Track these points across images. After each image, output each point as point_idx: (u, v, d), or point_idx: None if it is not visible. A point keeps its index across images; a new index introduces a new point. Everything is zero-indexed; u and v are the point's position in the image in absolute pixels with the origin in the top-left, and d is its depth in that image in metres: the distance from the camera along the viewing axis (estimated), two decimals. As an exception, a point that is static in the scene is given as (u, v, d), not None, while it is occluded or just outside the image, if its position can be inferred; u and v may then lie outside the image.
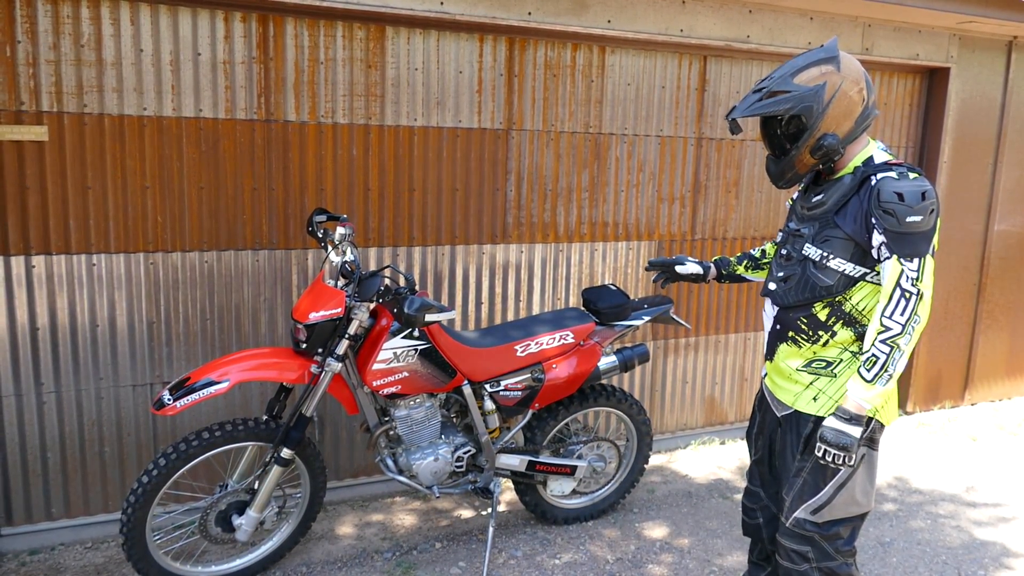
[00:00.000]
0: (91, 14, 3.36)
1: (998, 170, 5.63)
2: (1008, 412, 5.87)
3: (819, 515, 2.55)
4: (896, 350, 2.33)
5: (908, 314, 2.31)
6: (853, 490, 2.53)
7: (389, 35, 3.88)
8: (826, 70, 2.43)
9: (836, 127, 2.44)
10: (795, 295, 2.58)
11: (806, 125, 2.44)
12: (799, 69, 2.45)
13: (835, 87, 2.41)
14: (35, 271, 3.45)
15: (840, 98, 2.42)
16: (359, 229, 4.00)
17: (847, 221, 2.45)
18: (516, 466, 3.63)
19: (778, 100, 2.43)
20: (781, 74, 2.47)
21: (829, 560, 2.58)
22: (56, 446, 3.61)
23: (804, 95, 2.41)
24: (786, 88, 2.43)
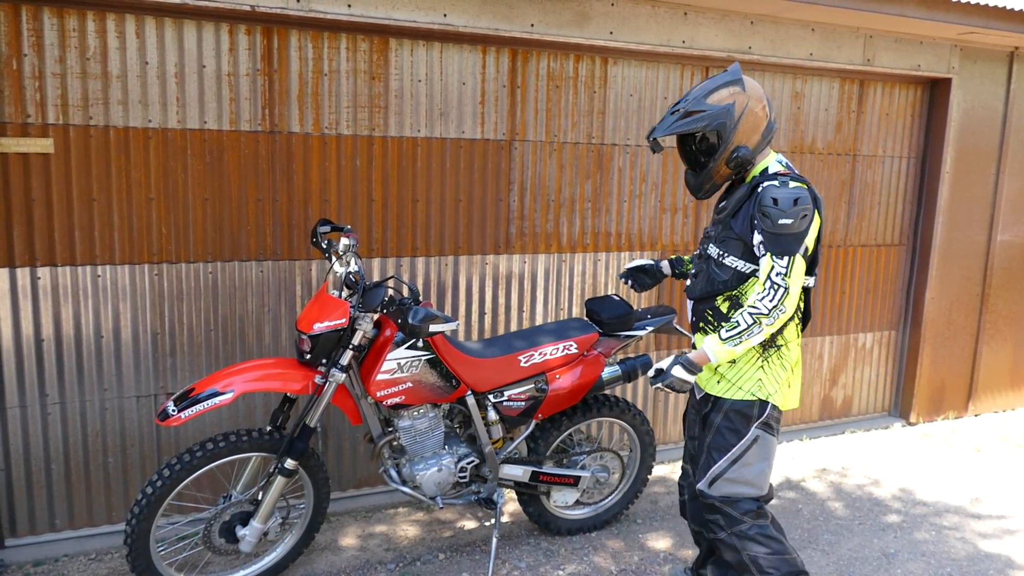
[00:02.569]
0: (97, 27, 3.38)
1: (1000, 180, 5.64)
2: (1012, 423, 5.86)
3: (713, 487, 2.85)
4: (756, 325, 2.65)
5: (776, 302, 2.63)
6: (744, 468, 2.82)
7: (393, 47, 3.91)
8: (734, 91, 2.75)
9: (746, 140, 2.75)
10: (700, 289, 2.94)
11: (721, 140, 2.74)
12: (710, 91, 2.75)
13: (743, 105, 2.73)
14: (40, 283, 3.47)
15: (748, 115, 2.73)
16: (363, 240, 4.01)
17: (739, 223, 2.77)
18: (519, 477, 3.63)
19: (695, 119, 2.73)
20: (695, 96, 2.77)
21: (739, 524, 2.85)
22: (60, 457, 3.62)
23: (717, 113, 2.72)
24: (701, 108, 2.73)
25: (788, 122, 5.02)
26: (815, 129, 5.13)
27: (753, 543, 2.85)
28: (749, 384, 2.81)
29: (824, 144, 5.18)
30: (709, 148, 2.79)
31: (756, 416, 2.81)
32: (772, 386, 2.82)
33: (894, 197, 5.52)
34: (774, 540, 2.87)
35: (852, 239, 5.41)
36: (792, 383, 2.89)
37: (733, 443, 2.82)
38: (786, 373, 2.85)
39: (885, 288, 5.63)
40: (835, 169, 5.25)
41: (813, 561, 3.79)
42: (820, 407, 5.57)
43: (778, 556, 2.86)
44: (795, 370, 2.91)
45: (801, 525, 4.15)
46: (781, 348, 2.84)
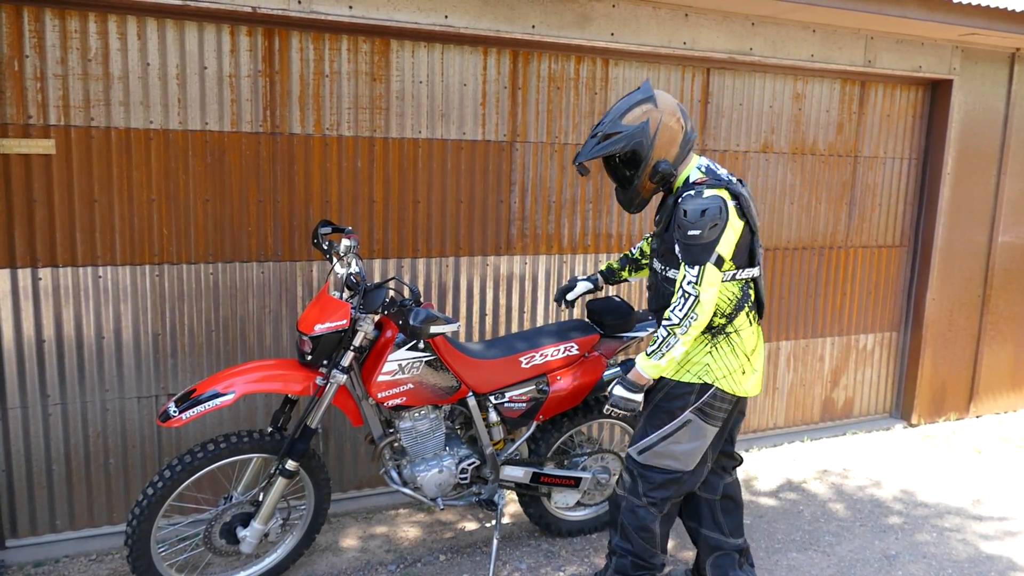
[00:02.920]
0: (98, 29, 3.39)
1: (1001, 182, 5.64)
2: (1013, 424, 5.86)
3: (643, 456, 3.02)
4: (672, 336, 2.78)
5: (686, 311, 2.75)
6: (674, 445, 2.97)
7: (394, 48, 3.91)
8: (647, 108, 2.87)
9: (665, 154, 2.88)
10: (655, 303, 3.11)
11: (641, 157, 2.87)
12: (624, 112, 2.87)
13: (657, 121, 2.86)
14: (42, 283, 3.47)
15: (663, 130, 2.86)
16: (364, 241, 4.01)
17: (670, 236, 2.91)
18: (520, 478, 3.63)
19: (613, 140, 2.86)
20: (611, 118, 2.89)
21: (636, 497, 3.06)
22: (61, 458, 3.62)
23: (634, 133, 2.84)
24: (617, 130, 2.86)
25: (789, 123, 5.02)
26: (816, 130, 5.13)
27: (632, 516, 3.08)
28: (696, 368, 2.92)
29: (825, 145, 5.18)
30: (632, 166, 2.94)
31: (694, 401, 2.93)
32: (720, 371, 2.91)
33: (895, 198, 5.52)
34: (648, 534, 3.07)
35: (853, 240, 5.41)
36: (747, 370, 2.97)
37: (666, 422, 2.97)
38: (738, 360, 2.94)
39: (886, 289, 5.63)
40: (836, 170, 5.25)
41: (814, 562, 3.79)
42: (821, 408, 5.57)
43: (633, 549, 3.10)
44: (752, 357, 2.99)
45: (802, 526, 4.14)
46: (731, 335, 2.93)
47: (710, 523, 3.25)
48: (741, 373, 2.96)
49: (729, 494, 3.27)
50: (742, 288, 2.93)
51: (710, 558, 3.27)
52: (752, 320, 3.01)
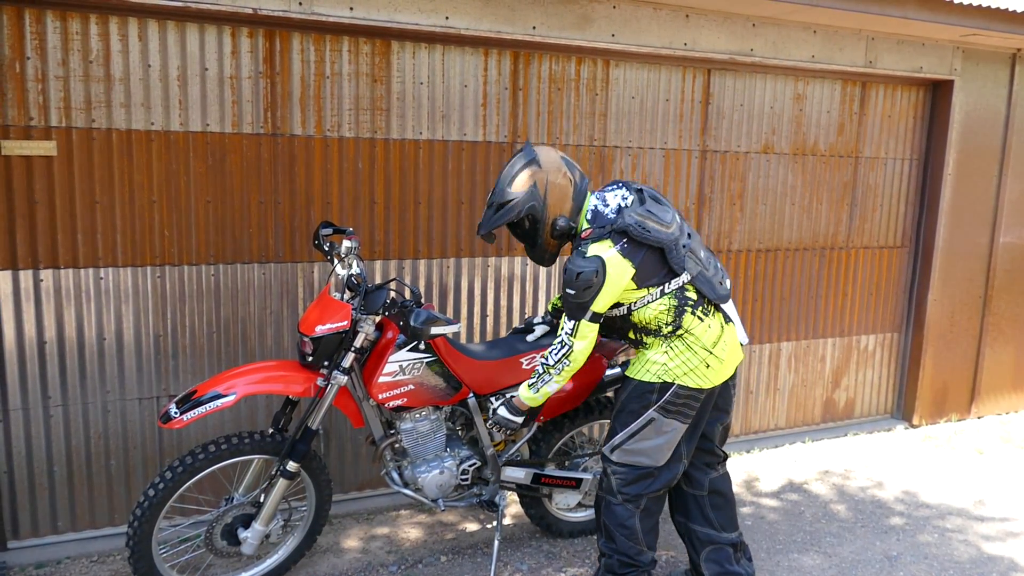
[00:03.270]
0: (100, 30, 3.39)
1: (1003, 182, 5.63)
2: (1015, 425, 5.85)
3: (615, 454, 3.10)
4: (546, 374, 3.05)
5: (559, 357, 3.00)
6: (641, 442, 3.05)
7: (395, 50, 3.91)
8: (532, 171, 2.98)
9: (560, 210, 3.00)
10: (615, 332, 3.25)
11: (538, 219, 3.00)
12: (511, 178, 2.99)
13: (544, 182, 2.97)
14: (43, 285, 3.47)
15: (552, 188, 2.98)
16: (365, 242, 4.01)
17: None
18: (521, 479, 3.62)
19: (508, 209, 2.98)
20: (500, 188, 3.00)
21: (610, 494, 3.13)
22: (63, 460, 3.62)
23: (524, 199, 2.96)
24: (508, 198, 2.98)
25: (790, 124, 5.02)
26: (817, 131, 5.13)
27: (610, 515, 3.14)
28: (655, 368, 3.01)
29: (826, 146, 5.18)
30: (533, 227, 3.04)
31: (655, 400, 3.00)
32: (679, 369, 2.99)
33: (896, 199, 5.52)
34: (628, 531, 3.12)
35: (854, 241, 5.41)
36: (712, 362, 3.02)
37: (630, 421, 3.05)
38: (697, 356, 3.00)
39: (887, 290, 5.62)
40: (837, 171, 5.25)
41: (815, 563, 3.78)
42: (822, 409, 5.57)
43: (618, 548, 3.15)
44: (715, 349, 3.03)
45: (803, 527, 4.14)
46: (684, 336, 3.00)
47: (699, 518, 3.30)
48: (705, 367, 3.01)
49: (717, 489, 3.30)
50: (676, 296, 2.98)
51: (703, 552, 3.31)
52: (703, 315, 3.03)
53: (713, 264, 3.13)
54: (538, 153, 3.01)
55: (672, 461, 3.10)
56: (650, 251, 2.91)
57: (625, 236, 2.88)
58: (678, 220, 3.03)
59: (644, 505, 3.13)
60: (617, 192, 3.02)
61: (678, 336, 3.00)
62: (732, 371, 3.15)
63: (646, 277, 2.92)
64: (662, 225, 2.93)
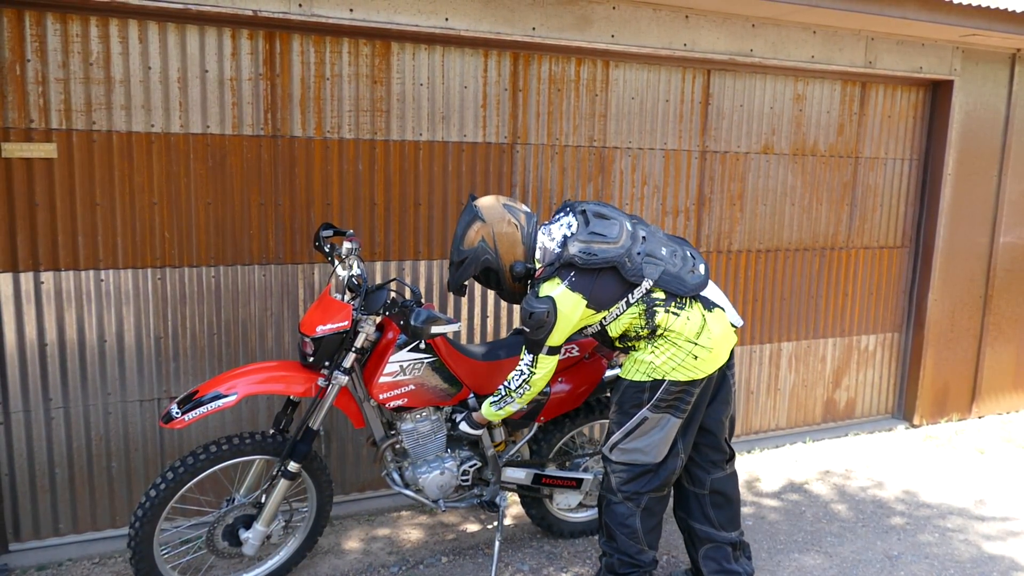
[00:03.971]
0: (100, 32, 3.40)
1: (1003, 182, 5.64)
2: (1016, 425, 5.85)
3: (613, 453, 3.15)
4: (508, 396, 3.14)
5: (519, 383, 3.10)
6: (637, 440, 3.08)
7: (395, 51, 3.92)
8: (477, 227, 3.08)
9: (513, 257, 3.09)
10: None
11: (494, 269, 3.09)
12: (460, 237, 3.10)
13: (491, 235, 3.07)
14: (44, 287, 3.48)
15: (500, 239, 3.07)
16: (365, 243, 4.02)
17: None
18: (522, 479, 3.62)
19: (465, 267, 3.10)
20: (454, 247, 3.12)
21: (611, 493, 3.17)
22: (64, 461, 3.62)
23: (477, 255, 3.07)
24: (462, 257, 3.10)
25: (790, 125, 5.03)
26: (817, 131, 5.13)
27: (611, 514, 3.17)
28: (644, 367, 3.05)
29: (826, 146, 5.18)
30: (496, 277, 3.13)
31: (648, 399, 3.05)
32: (667, 365, 3.02)
33: (896, 199, 5.52)
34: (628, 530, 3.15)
35: (854, 241, 5.41)
36: (699, 353, 3.03)
37: (625, 420, 3.10)
38: (682, 350, 3.01)
39: (888, 290, 5.62)
40: (837, 171, 5.25)
41: (816, 563, 3.78)
42: (823, 409, 5.57)
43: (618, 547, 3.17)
44: (700, 340, 3.03)
45: (804, 527, 4.14)
46: (665, 334, 3.03)
47: (699, 516, 3.30)
48: (693, 359, 3.02)
49: (719, 489, 3.29)
50: (642, 301, 3.00)
51: (701, 549, 3.32)
52: (678, 310, 3.02)
53: (681, 255, 3.11)
54: (479, 208, 3.10)
55: (670, 457, 3.11)
56: (602, 273, 2.94)
57: (572, 268, 2.93)
58: (628, 228, 3.04)
59: (645, 504, 3.14)
60: (563, 221, 3.08)
61: (659, 335, 3.03)
62: (725, 357, 3.13)
63: (603, 299, 2.97)
64: (608, 243, 2.95)
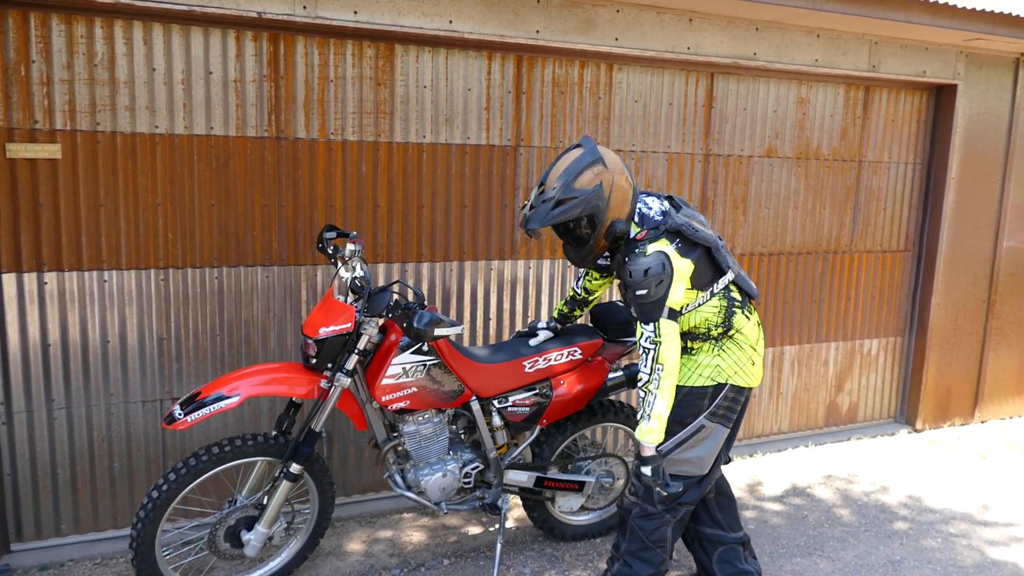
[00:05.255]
0: (104, 34, 3.41)
1: (1006, 187, 5.63)
2: (1019, 430, 5.83)
3: None
4: (648, 394, 2.79)
5: (651, 364, 2.78)
6: (688, 451, 2.99)
7: (398, 53, 3.92)
8: (598, 170, 2.81)
9: (619, 214, 2.85)
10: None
11: (598, 220, 2.83)
12: (576, 175, 2.80)
13: (610, 183, 2.81)
14: (47, 287, 3.48)
15: (616, 191, 2.83)
16: (368, 245, 4.02)
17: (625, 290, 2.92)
18: (524, 482, 3.62)
19: (569, 206, 2.79)
20: (563, 183, 2.80)
21: (651, 505, 3.01)
22: (66, 462, 3.62)
23: (589, 197, 2.79)
24: (572, 195, 2.79)
25: (793, 128, 5.02)
26: (820, 135, 5.13)
27: (646, 523, 3.05)
28: (708, 371, 2.99)
29: (829, 150, 5.18)
30: (589, 228, 2.88)
31: (707, 405, 2.98)
32: (731, 368, 2.99)
33: (899, 203, 5.51)
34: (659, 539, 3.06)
35: (858, 245, 5.40)
36: (755, 360, 3.06)
37: (678, 430, 2.98)
38: (745, 353, 3.03)
39: (891, 294, 5.62)
40: (840, 175, 5.25)
41: (819, 568, 3.78)
42: (826, 414, 5.56)
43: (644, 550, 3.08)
44: (757, 347, 3.08)
45: (807, 531, 4.13)
46: (735, 335, 3.02)
47: (708, 521, 3.29)
48: (751, 364, 3.04)
49: (722, 490, 3.31)
50: (724, 296, 2.99)
51: (715, 553, 3.29)
52: (748, 314, 3.07)
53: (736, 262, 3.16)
54: (601, 153, 2.85)
55: (714, 468, 3.07)
56: (702, 250, 2.91)
57: (678, 236, 2.86)
58: None
59: (681, 515, 3.09)
60: (655, 196, 3.02)
61: (728, 336, 3.01)
62: (760, 377, 3.13)
63: (699, 278, 2.90)
64: (704, 226, 2.96)
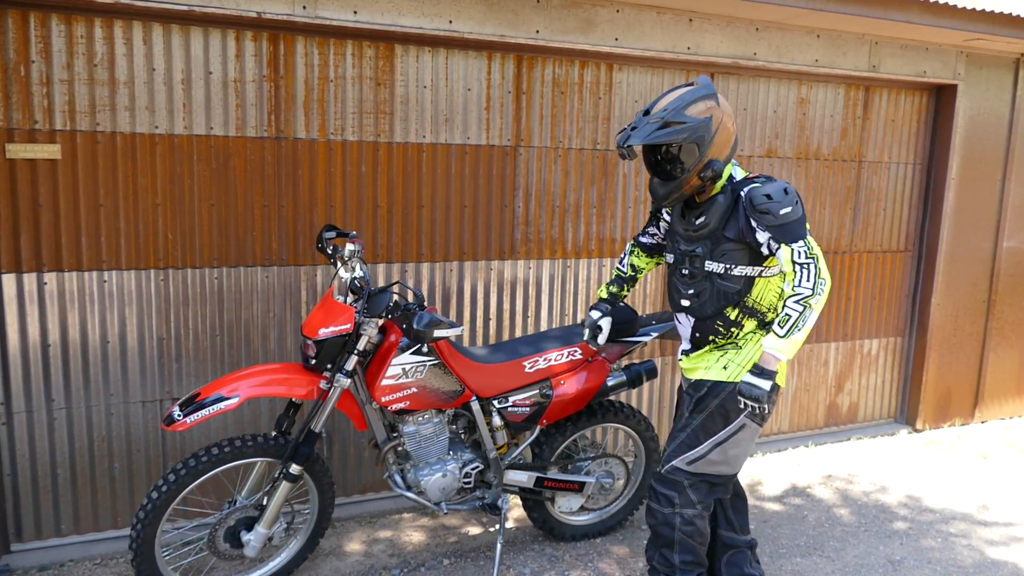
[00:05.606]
0: (104, 34, 3.40)
1: (1006, 187, 5.63)
2: (1019, 430, 5.83)
3: (694, 466, 2.95)
4: (808, 308, 2.66)
5: (813, 278, 2.66)
6: (727, 451, 2.93)
7: (398, 53, 3.92)
8: (710, 105, 2.78)
9: (719, 154, 2.80)
10: (711, 306, 2.94)
11: (697, 153, 2.76)
12: (689, 103, 2.76)
13: (719, 120, 2.78)
14: (47, 288, 3.48)
15: (722, 130, 2.79)
16: (368, 245, 4.02)
17: (733, 232, 2.82)
18: (524, 482, 3.62)
19: (676, 130, 2.73)
20: (674, 106, 2.75)
21: (690, 507, 2.97)
22: (66, 462, 3.62)
23: (697, 126, 2.73)
24: (681, 119, 2.73)
25: (794, 128, 5.02)
26: (820, 135, 5.12)
27: (691, 528, 3.00)
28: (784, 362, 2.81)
29: (829, 150, 5.17)
30: (682, 160, 2.81)
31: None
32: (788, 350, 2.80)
33: (900, 203, 5.51)
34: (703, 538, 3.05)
35: (858, 245, 5.40)
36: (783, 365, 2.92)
37: (719, 428, 2.93)
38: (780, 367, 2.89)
39: (891, 294, 5.61)
40: (840, 175, 5.25)
41: (818, 568, 3.78)
42: (826, 413, 5.56)
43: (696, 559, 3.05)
44: None
45: (807, 531, 4.13)
46: None
47: (723, 522, 3.26)
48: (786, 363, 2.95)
49: (735, 491, 3.28)
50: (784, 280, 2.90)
51: (725, 556, 3.27)
52: None
53: None
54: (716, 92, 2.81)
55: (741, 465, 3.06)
56: None
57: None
58: None
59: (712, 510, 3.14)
60: None
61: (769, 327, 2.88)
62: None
63: None
64: None
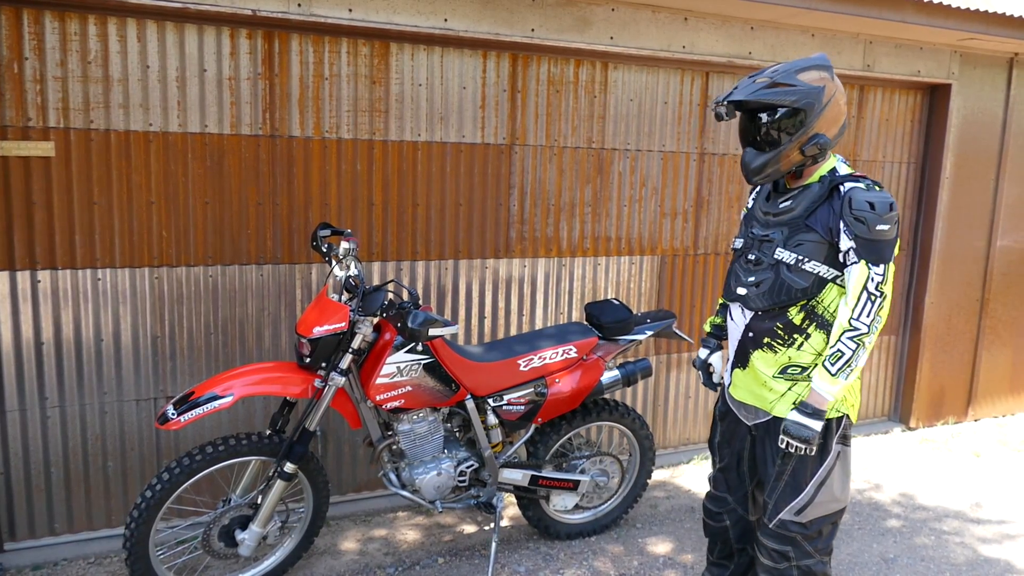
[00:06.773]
0: (98, 31, 3.39)
1: (1000, 186, 5.65)
2: (1012, 428, 5.86)
3: (803, 515, 2.67)
4: (861, 347, 2.46)
5: (872, 315, 2.45)
6: (832, 488, 2.66)
7: (393, 51, 3.91)
8: (824, 75, 2.55)
9: (826, 129, 2.55)
10: (769, 298, 2.65)
11: (804, 121, 2.51)
12: (801, 68, 2.54)
13: (831, 93, 2.54)
14: (40, 286, 3.47)
15: (833, 105, 2.55)
16: (363, 244, 4.01)
17: (819, 224, 2.56)
18: (519, 481, 3.62)
19: (785, 91, 2.50)
20: (785, 69, 2.55)
21: (807, 558, 2.71)
22: (60, 461, 3.61)
23: (809, 92, 2.50)
24: (791, 82, 2.51)
25: (788, 127, 5.02)
26: (815, 134, 5.13)
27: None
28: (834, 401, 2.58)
29: (824, 149, 5.18)
30: (785, 127, 2.53)
31: (834, 432, 2.64)
32: (852, 398, 2.67)
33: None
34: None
35: (852, 244, 5.41)
36: (856, 391, 2.73)
37: (818, 466, 2.64)
38: (858, 381, 2.69)
39: (885, 293, 5.62)
40: (835, 174, 5.25)
41: (813, 566, 3.79)
42: (820, 412, 5.56)
43: None
44: None
45: (801, 530, 4.14)
46: None
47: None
48: (857, 394, 2.73)
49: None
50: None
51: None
52: None
53: None
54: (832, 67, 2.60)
55: None
56: None
57: None
58: None
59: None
60: None
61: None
62: None
63: None
64: None
